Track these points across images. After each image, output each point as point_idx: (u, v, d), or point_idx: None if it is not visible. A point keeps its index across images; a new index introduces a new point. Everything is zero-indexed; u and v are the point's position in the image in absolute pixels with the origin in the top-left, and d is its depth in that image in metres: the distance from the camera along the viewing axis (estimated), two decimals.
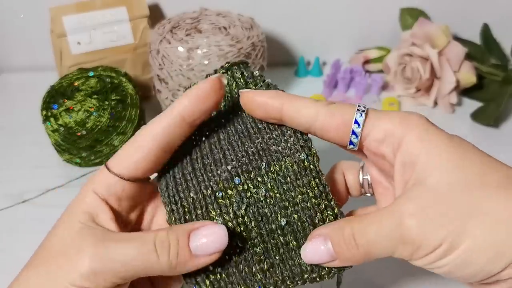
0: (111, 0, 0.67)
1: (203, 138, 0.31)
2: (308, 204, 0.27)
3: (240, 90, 0.29)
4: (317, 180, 0.28)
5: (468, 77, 0.67)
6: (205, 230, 0.26)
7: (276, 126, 0.30)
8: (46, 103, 0.55)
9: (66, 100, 0.54)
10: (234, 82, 0.31)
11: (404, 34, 0.72)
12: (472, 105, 0.69)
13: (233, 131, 0.30)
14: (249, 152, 0.28)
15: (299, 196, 0.27)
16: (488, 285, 0.24)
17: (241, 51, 0.58)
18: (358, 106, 0.26)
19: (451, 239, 0.23)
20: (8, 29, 0.79)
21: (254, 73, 0.32)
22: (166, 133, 0.28)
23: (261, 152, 0.28)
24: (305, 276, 0.27)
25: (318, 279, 0.27)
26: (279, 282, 0.27)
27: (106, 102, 0.54)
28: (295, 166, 0.28)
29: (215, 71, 0.31)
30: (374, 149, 0.27)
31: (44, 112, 0.54)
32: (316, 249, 0.26)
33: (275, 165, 0.28)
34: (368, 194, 0.33)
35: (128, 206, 0.30)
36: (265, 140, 0.29)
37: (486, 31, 0.74)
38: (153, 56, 0.61)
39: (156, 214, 0.32)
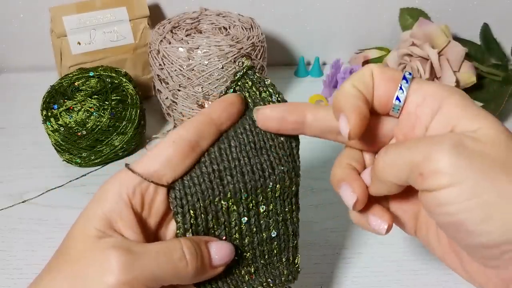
0: (111, 0, 0.67)
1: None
2: (295, 220, 0.31)
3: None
4: (297, 199, 0.31)
5: (468, 77, 0.67)
6: (219, 244, 0.28)
7: (286, 145, 0.30)
8: (46, 103, 0.55)
9: (66, 100, 0.54)
10: (247, 93, 0.31)
11: (404, 34, 0.72)
12: None
13: (245, 141, 0.30)
14: (259, 167, 0.29)
15: (290, 212, 0.31)
16: (489, 262, 0.23)
17: (241, 51, 0.58)
18: (406, 72, 0.26)
19: (478, 184, 0.21)
20: (8, 29, 0.79)
21: (266, 81, 0.31)
22: (195, 132, 0.28)
23: (270, 170, 0.29)
24: (283, 278, 0.31)
25: (292, 280, 0.31)
26: (264, 283, 0.30)
27: (106, 102, 0.54)
28: (293, 188, 0.30)
29: (226, 89, 0.32)
30: (413, 109, 0.26)
31: (44, 112, 0.54)
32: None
33: (279, 185, 0.30)
34: None
35: (150, 209, 0.29)
36: (271, 157, 0.30)
37: (486, 31, 0.74)
38: (153, 56, 0.61)
39: (172, 222, 0.31)
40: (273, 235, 0.30)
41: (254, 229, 0.30)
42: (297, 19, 0.79)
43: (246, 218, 0.29)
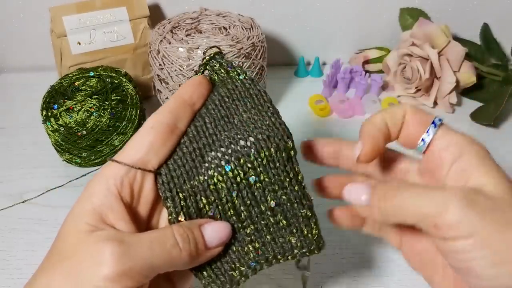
0: (111, 0, 0.67)
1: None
2: (296, 188, 0.29)
3: (357, 157, 0.30)
4: (299, 168, 0.30)
5: (468, 77, 0.67)
6: (213, 225, 0.28)
7: (259, 112, 0.30)
8: (46, 103, 0.55)
9: (66, 100, 0.54)
10: (216, 75, 0.33)
11: (404, 34, 0.72)
12: (472, 105, 0.69)
13: (219, 116, 0.31)
14: (236, 138, 0.29)
15: (287, 179, 0.29)
16: None
17: (241, 51, 0.58)
18: (436, 117, 0.29)
19: (488, 235, 0.24)
20: (8, 29, 0.79)
21: (234, 63, 0.33)
22: (171, 115, 0.29)
23: (247, 139, 0.29)
24: (295, 251, 0.29)
25: (308, 253, 0.29)
26: (271, 257, 0.29)
27: (107, 102, 0.54)
28: (284, 153, 0.29)
29: (195, 72, 0.34)
30: (437, 153, 0.28)
31: (44, 112, 0.54)
32: (358, 188, 0.29)
33: (264, 152, 0.29)
34: None
35: (139, 198, 0.29)
36: (249, 126, 0.30)
37: (486, 31, 0.74)
38: (153, 56, 0.61)
39: (164, 210, 0.31)
40: (272, 206, 0.29)
41: (249, 202, 0.29)
42: (297, 19, 0.79)
43: (235, 192, 0.29)
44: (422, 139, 0.28)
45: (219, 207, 0.29)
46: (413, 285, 0.43)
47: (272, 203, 0.29)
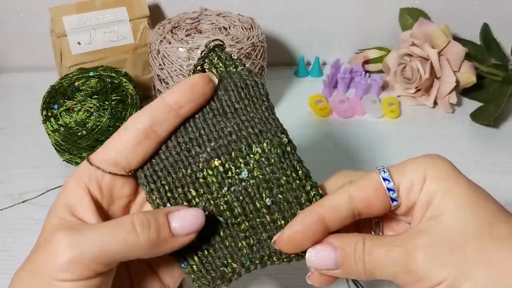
0: (111, 0, 0.67)
1: (187, 121, 0.30)
2: (293, 186, 0.28)
3: (273, 241, 0.28)
4: (300, 164, 0.29)
5: (468, 77, 0.67)
6: (182, 212, 0.27)
7: (253, 103, 0.30)
8: (46, 103, 0.55)
9: (66, 100, 0.54)
10: (214, 68, 0.31)
11: (404, 34, 0.72)
12: (472, 105, 0.69)
13: (207, 109, 0.30)
14: (226, 132, 0.29)
15: (284, 177, 0.28)
16: None
17: (241, 51, 0.58)
18: (376, 168, 0.27)
19: (453, 278, 0.23)
20: (8, 29, 0.79)
21: (233, 55, 0.31)
22: (148, 118, 0.28)
23: (238, 133, 0.29)
24: (292, 254, 0.28)
25: (302, 254, 0.28)
26: (266, 257, 0.28)
27: (107, 102, 0.54)
28: (278, 149, 0.28)
29: (194, 66, 0.32)
30: (406, 199, 0.27)
31: (45, 112, 0.54)
32: (323, 256, 0.27)
33: (256, 147, 0.28)
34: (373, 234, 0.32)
35: (110, 196, 0.29)
36: (242, 120, 0.29)
37: (486, 31, 0.74)
38: (153, 56, 0.61)
39: (145, 206, 0.31)
40: (268, 203, 0.28)
41: (241, 198, 0.28)
42: (297, 19, 0.79)
43: (227, 186, 0.28)
44: (392, 200, 0.27)
45: (211, 200, 0.29)
46: None
47: (268, 201, 0.28)
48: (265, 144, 0.28)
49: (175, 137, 0.29)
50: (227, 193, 0.28)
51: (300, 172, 0.28)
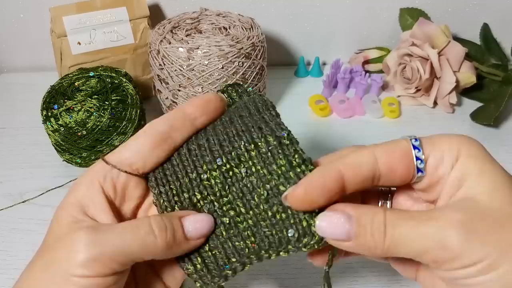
0: (111, 0, 0.67)
1: (198, 132, 0.32)
2: (291, 174, 0.27)
3: (285, 195, 0.27)
4: (299, 153, 0.28)
5: (468, 77, 0.67)
6: (193, 217, 0.29)
7: (259, 112, 0.31)
8: (46, 103, 0.55)
9: (66, 100, 0.54)
10: (231, 100, 0.34)
11: (404, 34, 0.72)
12: (472, 105, 0.69)
13: (218, 122, 0.32)
14: (230, 135, 0.30)
15: (282, 167, 0.28)
16: None
17: (241, 51, 0.58)
18: (408, 136, 0.26)
19: (493, 259, 0.22)
20: (8, 29, 0.79)
21: (249, 89, 0.34)
22: (167, 124, 0.30)
23: (240, 133, 0.30)
24: (289, 246, 0.27)
25: (303, 248, 0.27)
26: (263, 252, 0.28)
27: (107, 102, 0.54)
28: (275, 142, 0.28)
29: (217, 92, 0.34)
30: (434, 171, 0.26)
31: (45, 112, 0.54)
32: (335, 223, 0.25)
33: (254, 143, 0.29)
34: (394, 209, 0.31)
35: (123, 196, 0.30)
36: (244, 123, 0.30)
37: (486, 31, 0.74)
38: (153, 56, 0.61)
39: (151, 210, 0.32)
40: (267, 197, 0.28)
41: (241, 195, 0.29)
42: (297, 19, 0.79)
43: (228, 185, 0.29)
44: (418, 170, 0.25)
45: (215, 202, 0.29)
46: (413, 284, 0.43)
47: (266, 194, 0.28)
48: (262, 139, 0.29)
49: (186, 144, 0.31)
50: (228, 192, 0.29)
51: (297, 159, 0.27)
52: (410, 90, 0.69)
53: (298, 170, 0.27)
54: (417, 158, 0.25)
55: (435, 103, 0.69)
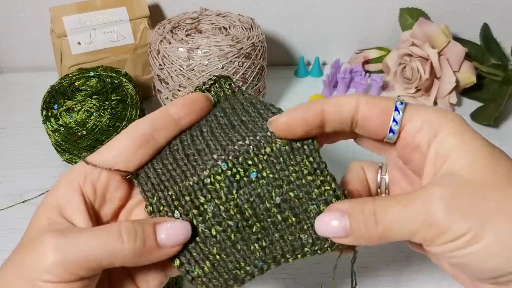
0: (111, 0, 0.67)
1: (185, 131, 0.32)
2: (303, 181, 0.28)
3: (269, 120, 0.29)
4: (311, 159, 0.28)
5: (468, 77, 0.67)
6: (169, 224, 0.28)
7: (260, 115, 0.30)
8: (46, 103, 0.55)
9: (66, 100, 0.54)
10: (222, 92, 0.34)
11: (404, 34, 0.72)
12: (472, 105, 0.69)
13: (216, 124, 0.31)
14: (234, 140, 0.29)
15: (293, 174, 0.28)
16: (499, 285, 0.24)
17: (241, 51, 0.58)
18: (398, 96, 0.27)
19: (476, 230, 0.23)
20: (8, 29, 0.79)
21: (241, 88, 0.34)
22: (150, 124, 0.29)
23: (246, 139, 0.29)
24: (305, 249, 0.28)
25: (319, 251, 0.28)
26: (279, 256, 0.28)
27: (107, 102, 0.54)
28: (287, 147, 0.28)
29: (204, 83, 0.34)
30: (411, 138, 0.27)
31: (45, 112, 0.54)
32: (331, 222, 0.26)
33: (265, 148, 0.29)
34: (383, 195, 0.32)
35: (103, 197, 0.29)
36: (249, 129, 0.30)
37: (486, 31, 0.74)
38: (153, 56, 0.61)
39: (133, 212, 0.31)
40: (278, 202, 0.28)
41: (251, 199, 0.28)
42: (297, 19, 0.79)
43: (235, 189, 0.28)
44: (391, 130, 0.27)
45: (220, 206, 0.29)
46: (413, 285, 0.43)
47: (278, 199, 0.28)
48: (273, 144, 0.29)
49: (182, 149, 0.30)
50: (236, 196, 0.29)
51: (310, 167, 0.28)
52: (410, 90, 0.69)
53: (310, 178, 0.28)
54: (394, 120, 0.26)
55: (435, 103, 0.69)
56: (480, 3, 0.76)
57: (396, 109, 0.26)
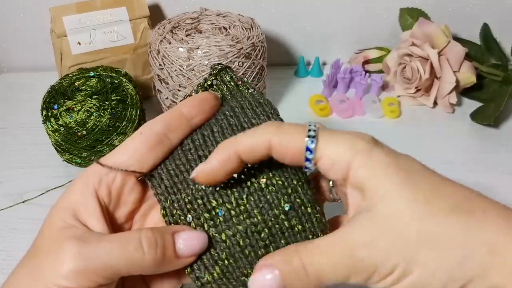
0: (111, 0, 0.67)
1: (196, 130, 0.32)
2: (309, 191, 0.29)
3: (192, 177, 0.28)
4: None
5: (468, 77, 0.67)
6: (188, 233, 0.28)
7: (269, 119, 0.31)
8: (46, 103, 0.55)
9: (66, 100, 0.54)
10: (225, 86, 0.33)
11: (404, 34, 0.72)
12: (472, 105, 0.69)
13: (227, 125, 0.31)
14: None
15: (299, 183, 0.29)
16: None
17: (241, 51, 0.58)
18: (309, 127, 0.26)
19: (402, 267, 0.23)
20: (8, 29, 0.79)
21: (243, 78, 0.34)
22: (163, 124, 0.29)
23: None
24: None
25: None
26: None
27: (107, 102, 0.54)
28: None
29: (205, 80, 0.34)
30: (326, 174, 0.26)
31: (45, 112, 0.54)
32: (263, 280, 0.25)
33: None
34: (340, 201, 0.32)
35: (118, 200, 0.29)
36: None
37: (486, 31, 0.74)
38: (153, 56, 0.61)
39: (149, 215, 0.31)
40: (286, 209, 0.28)
41: (261, 205, 0.28)
42: (297, 19, 0.79)
43: (246, 195, 0.28)
44: (306, 167, 0.26)
45: (231, 211, 0.29)
46: None
47: (286, 206, 0.28)
48: None
49: (195, 150, 0.30)
50: (246, 201, 0.29)
51: (312, 182, 0.29)
52: (410, 90, 0.69)
53: (309, 189, 0.29)
54: (307, 159, 0.26)
55: (435, 103, 0.69)
56: (480, 3, 0.76)
57: (308, 149, 0.26)
